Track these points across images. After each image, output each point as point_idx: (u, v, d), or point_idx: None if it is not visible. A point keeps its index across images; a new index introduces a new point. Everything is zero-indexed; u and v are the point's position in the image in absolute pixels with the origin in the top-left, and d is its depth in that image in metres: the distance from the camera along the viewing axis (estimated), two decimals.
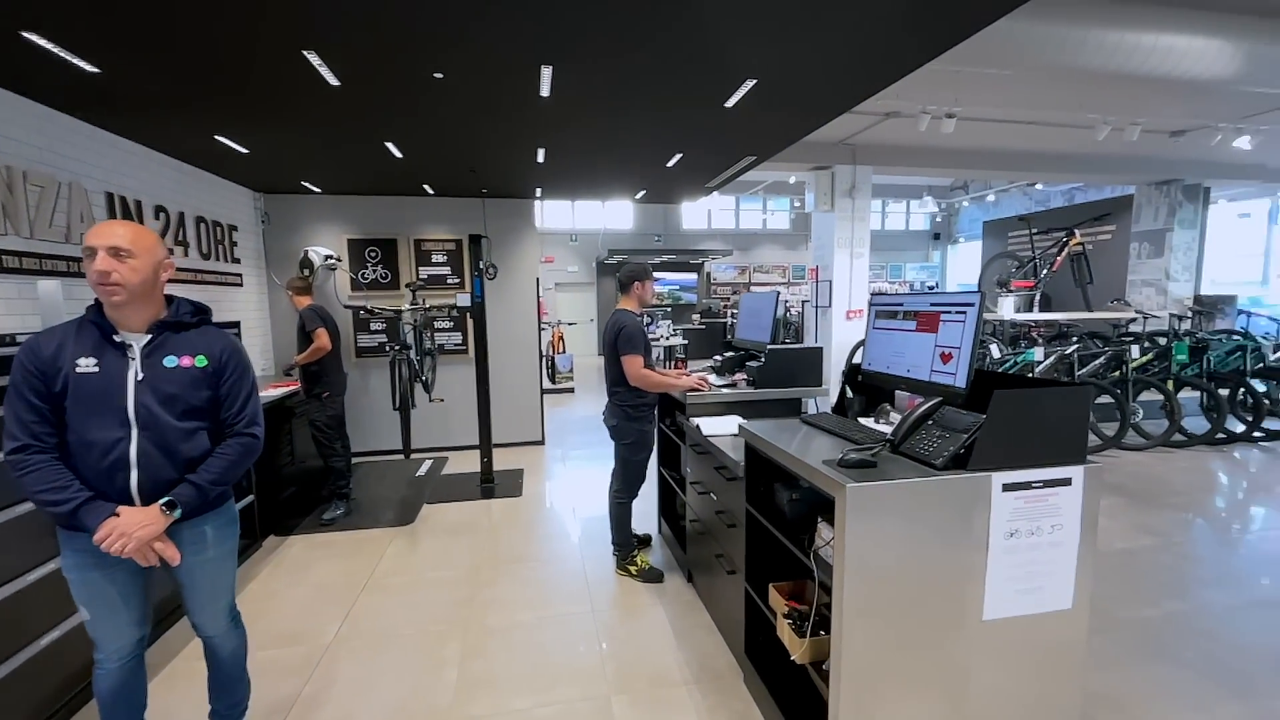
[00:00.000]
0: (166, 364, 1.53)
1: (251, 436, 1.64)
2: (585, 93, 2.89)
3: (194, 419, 1.55)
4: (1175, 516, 3.82)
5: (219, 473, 1.56)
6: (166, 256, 1.59)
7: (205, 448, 1.57)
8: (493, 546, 3.52)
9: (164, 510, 1.48)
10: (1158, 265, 7.72)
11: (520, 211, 5.58)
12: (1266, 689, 2.17)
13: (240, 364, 1.64)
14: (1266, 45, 3.38)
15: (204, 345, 1.59)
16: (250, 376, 1.68)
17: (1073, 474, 1.52)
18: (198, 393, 1.55)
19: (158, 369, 1.52)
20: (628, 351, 2.89)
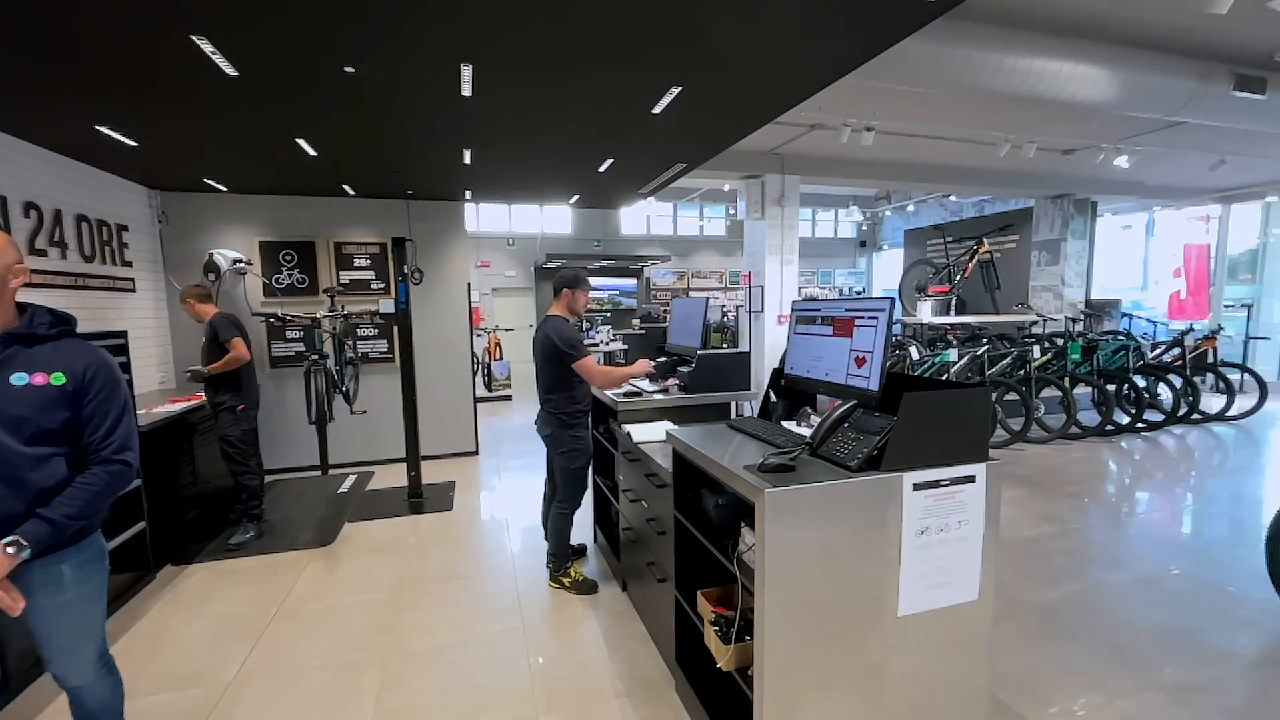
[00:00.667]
0: (14, 382, 1.34)
1: (122, 464, 1.45)
2: (509, 94, 2.82)
3: (47, 444, 1.37)
4: (1073, 503, 4.14)
5: (78, 506, 1.38)
6: (17, 261, 1.40)
7: (62, 476, 1.39)
8: (419, 565, 3.35)
9: (7, 550, 1.29)
10: (1054, 272, 8.42)
11: (449, 214, 5.40)
12: (1150, 661, 2.36)
13: (108, 381, 1.46)
14: (1137, 74, 3.75)
15: (63, 361, 1.41)
16: (121, 395, 1.49)
17: (977, 471, 1.59)
18: (52, 415, 1.37)
19: (4, 388, 1.33)
20: (578, 357, 2.81)
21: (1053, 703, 2.13)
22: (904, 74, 3.37)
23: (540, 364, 2.94)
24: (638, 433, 2.57)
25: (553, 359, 2.85)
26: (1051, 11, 3.44)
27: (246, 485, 3.67)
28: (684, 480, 2.06)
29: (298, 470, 5.11)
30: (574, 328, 2.92)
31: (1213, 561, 3.22)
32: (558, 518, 3.03)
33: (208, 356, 3.49)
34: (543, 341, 2.89)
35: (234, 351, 3.46)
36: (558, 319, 2.94)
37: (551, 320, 2.93)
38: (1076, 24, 3.59)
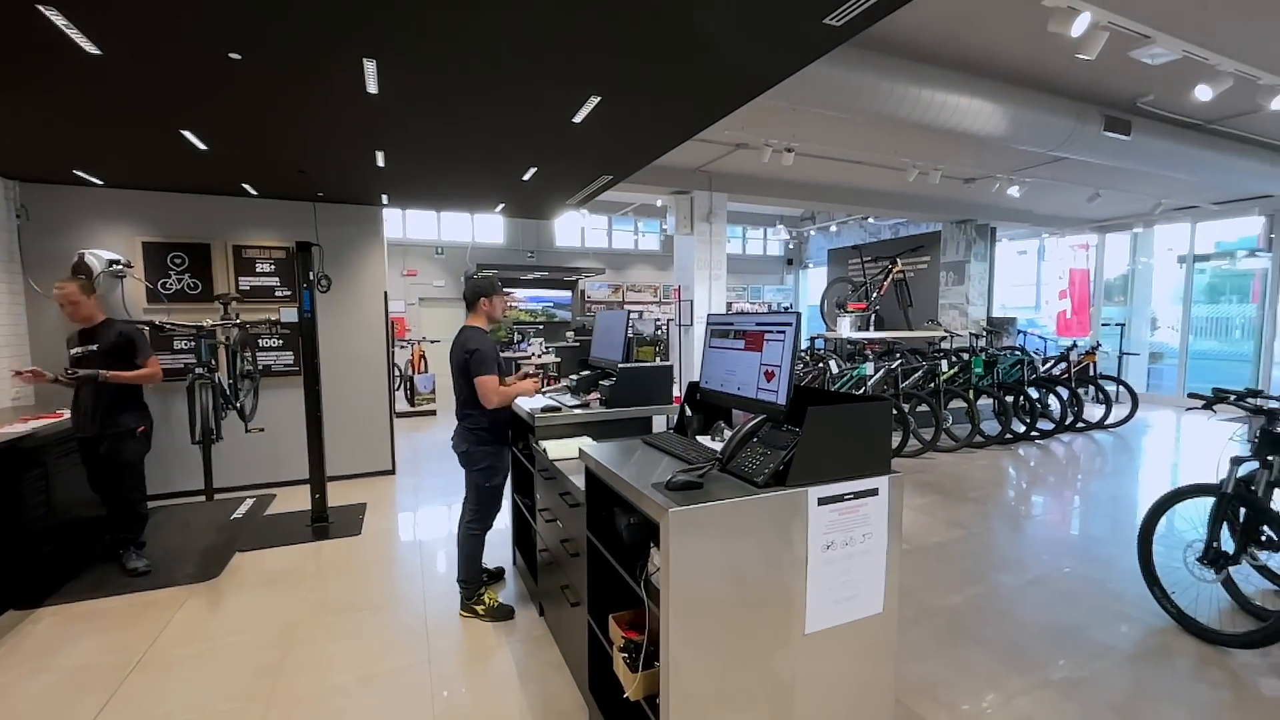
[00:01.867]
0: None
1: None
2: (419, 94, 2.68)
3: None
4: (977, 509, 4.39)
5: None
6: None
7: None
8: (317, 596, 3.08)
9: None
10: (960, 291, 9.05)
11: (364, 219, 5.11)
12: (1042, 659, 2.49)
13: None
14: (1024, 110, 4.10)
15: None
16: None
17: (879, 484, 1.61)
18: None
19: None
20: (481, 372, 2.69)
21: (956, 706, 2.19)
22: (820, 98, 3.50)
23: (456, 377, 2.82)
24: (554, 449, 2.47)
25: (464, 373, 2.75)
26: (953, 48, 3.69)
27: (142, 515, 3.38)
28: (597, 499, 1.98)
29: (183, 495, 4.61)
30: (490, 340, 2.80)
31: (1096, 560, 3.48)
32: (469, 539, 2.87)
33: (101, 365, 3.10)
34: (457, 355, 2.78)
35: (149, 369, 3.19)
36: (474, 330, 2.82)
37: (466, 332, 2.81)
38: (974, 61, 3.87)
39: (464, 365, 2.74)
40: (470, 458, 2.85)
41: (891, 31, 3.42)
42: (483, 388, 2.70)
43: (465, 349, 2.73)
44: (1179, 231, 9.22)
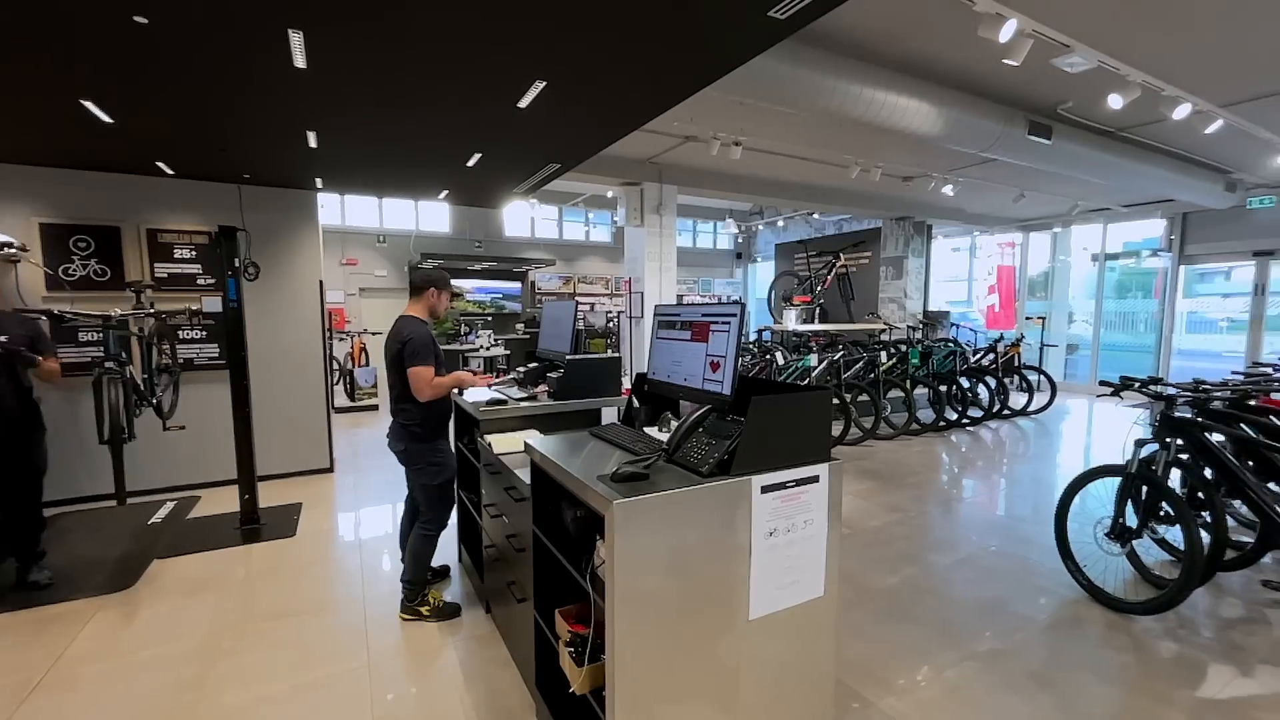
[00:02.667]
0: None
1: None
2: (353, 72, 2.54)
3: None
4: (912, 493, 4.60)
5: None
6: None
7: None
8: (246, 603, 2.90)
9: None
10: (899, 285, 9.44)
11: (296, 204, 4.83)
12: (969, 633, 2.63)
13: None
14: (957, 112, 4.29)
15: None
16: None
17: (820, 471, 1.65)
18: None
19: None
20: (415, 363, 2.59)
21: (892, 682, 2.29)
22: (766, 92, 3.55)
23: (390, 370, 2.70)
24: (499, 444, 2.41)
25: (399, 364, 2.64)
26: (893, 49, 3.81)
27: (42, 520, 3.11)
28: (543, 493, 1.94)
29: (91, 500, 4.26)
30: (427, 330, 2.70)
31: (1018, 538, 3.71)
32: (421, 540, 2.77)
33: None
34: (392, 345, 2.66)
35: (47, 366, 2.92)
36: (411, 320, 2.71)
37: (404, 321, 2.69)
38: (912, 62, 4.01)
39: (398, 356, 2.63)
40: (409, 456, 2.75)
41: (834, 29, 3.50)
42: (416, 379, 2.59)
43: (400, 338, 2.63)
44: (1093, 232, 9.92)
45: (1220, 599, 2.92)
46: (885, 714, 2.11)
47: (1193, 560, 2.50)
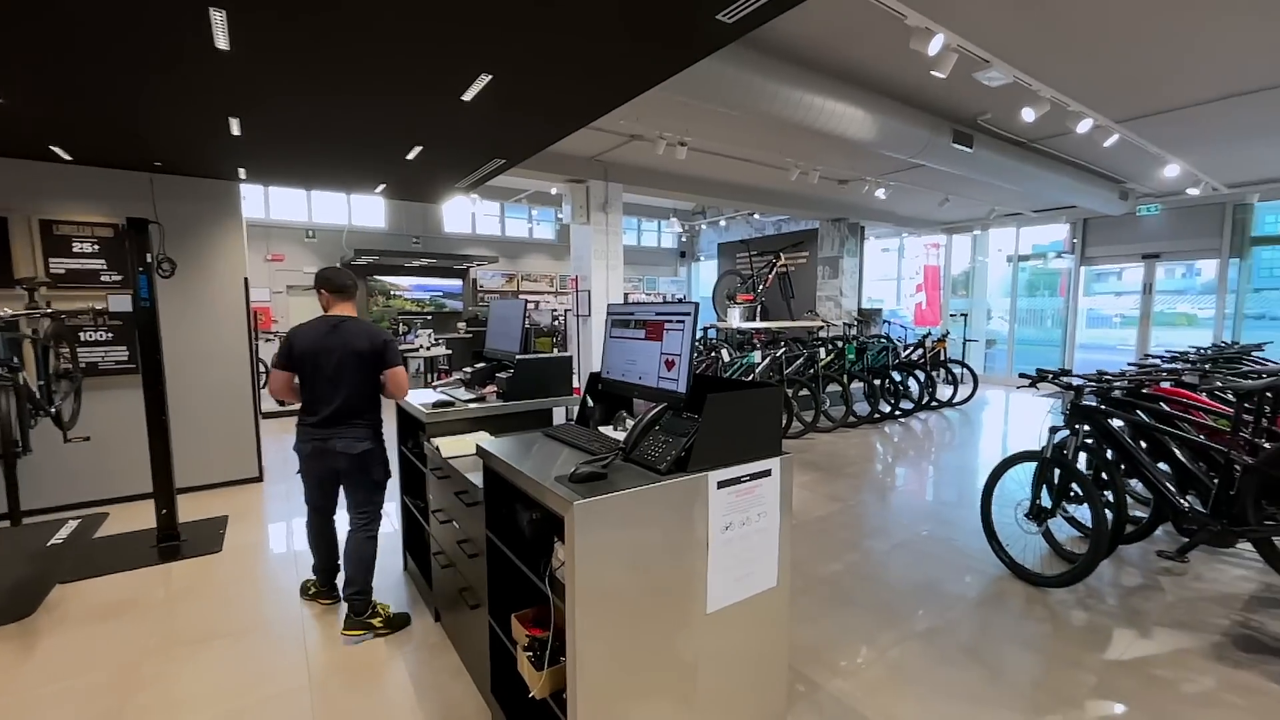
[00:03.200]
0: None
1: None
2: (283, 55, 2.39)
3: None
4: (851, 483, 4.81)
5: None
6: None
7: None
8: (167, 626, 2.69)
9: None
10: (835, 284, 9.84)
11: (216, 194, 4.49)
12: (908, 615, 2.79)
13: None
14: (889, 120, 4.52)
15: None
16: None
17: (772, 465, 1.70)
18: None
19: None
20: (398, 362, 2.68)
21: (839, 664, 2.39)
22: (711, 93, 3.61)
23: (348, 371, 2.60)
24: (448, 447, 2.34)
25: (368, 365, 2.63)
26: (831, 56, 3.97)
27: None
28: (497, 496, 1.91)
29: None
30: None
31: (947, 522, 3.96)
32: (367, 542, 2.68)
33: None
34: (356, 346, 2.60)
35: None
36: (365, 322, 2.69)
37: (359, 323, 2.67)
38: (849, 70, 4.19)
39: (374, 356, 2.63)
40: (369, 457, 2.67)
41: (776, 35, 3.60)
42: (402, 378, 2.70)
43: (374, 339, 2.63)
44: (1008, 234, 10.69)
45: (1121, 569, 3.22)
46: (833, 695, 2.20)
47: (1099, 536, 2.75)
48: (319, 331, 2.60)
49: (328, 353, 2.58)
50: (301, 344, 2.58)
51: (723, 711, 1.67)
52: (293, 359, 2.59)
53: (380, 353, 2.63)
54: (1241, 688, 2.22)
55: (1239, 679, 2.27)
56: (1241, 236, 8.17)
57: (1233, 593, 2.93)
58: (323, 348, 2.58)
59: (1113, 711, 2.11)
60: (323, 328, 2.61)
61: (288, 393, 2.64)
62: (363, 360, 2.61)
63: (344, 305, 2.71)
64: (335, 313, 2.68)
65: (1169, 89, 4.47)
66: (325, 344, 2.58)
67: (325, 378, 2.58)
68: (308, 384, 2.61)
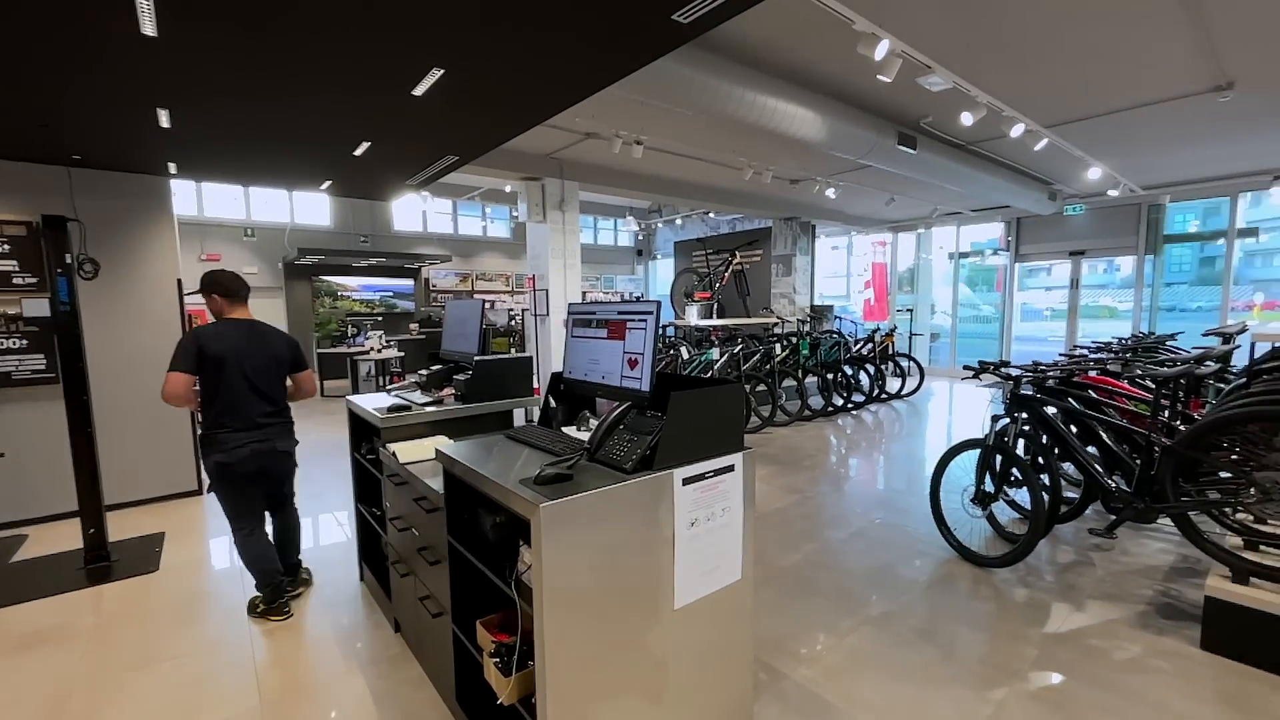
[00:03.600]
0: None
1: None
2: (216, 42, 2.26)
3: None
4: (808, 475, 4.94)
5: None
6: None
7: None
8: (99, 654, 2.51)
9: None
10: (789, 282, 10.08)
11: (144, 191, 4.21)
12: (864, 600, 2.89)
13: None
14: (837, 121, 4.66)
15: None
16: None
17: (735, 460, 1.73)
18: None
19: None
20: (308, 365, 2.87)
21: (801, 653, 2.45)
22: (666, 93, 3.63)
23: (274, 374, 2.73)
24: (405, 452, 2.28)
25: (285, 367, 2.78)
26: (783, 58, 4.06)
27: None
28: (458, 501, 1.87)
29: None
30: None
31: (899, 509, 4.12)
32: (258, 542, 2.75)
33: None
34: (276, 349, 2.74)
35: None
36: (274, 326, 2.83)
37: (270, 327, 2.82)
38: (800, 72, 4.29)
39: (292, 359, 2.80)
40: (291, 456, 2.84)
41: (730, 37, 3.66)
42: (313, 381, 2.88)
43: (289, 342, 2.81)
44: (949, 233, 11.20)
45: (1057, 548, 3.43)
46: (796, 683, 2.26)
47: (1037, 517, 2.92)
48: (235, 334, 2.64)
49: (250, 356, 2.64)
50: (216, 347, 2.57)
51: (691, 706, 1.69)
52: (204, 362, 2.55)
53: (296, 356, 2.82)
54: (1166, 653, 2.40)
55: (1163, 644, 2.46)
56: (1155, 235, 8.82)
57: (1155, 565, 3.16)
58: (245, 351, 2.63)
59: (1052, 681, 2.25)
60: (236, 331, 2.66)
61: (188, 398, 2.58)
62: (281, 363, 2.76)
63: (241, 309, 2.76)
64: (236, 316, 2.72)
65: (1091, 97, 4.78)
66: (246, 347, 2.64)
67: (248, 380, 2.63)
68: (224, 388, 2.59)
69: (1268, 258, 10.57)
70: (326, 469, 5.14)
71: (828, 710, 2.11)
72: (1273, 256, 10.60)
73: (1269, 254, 10.44)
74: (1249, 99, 4.72)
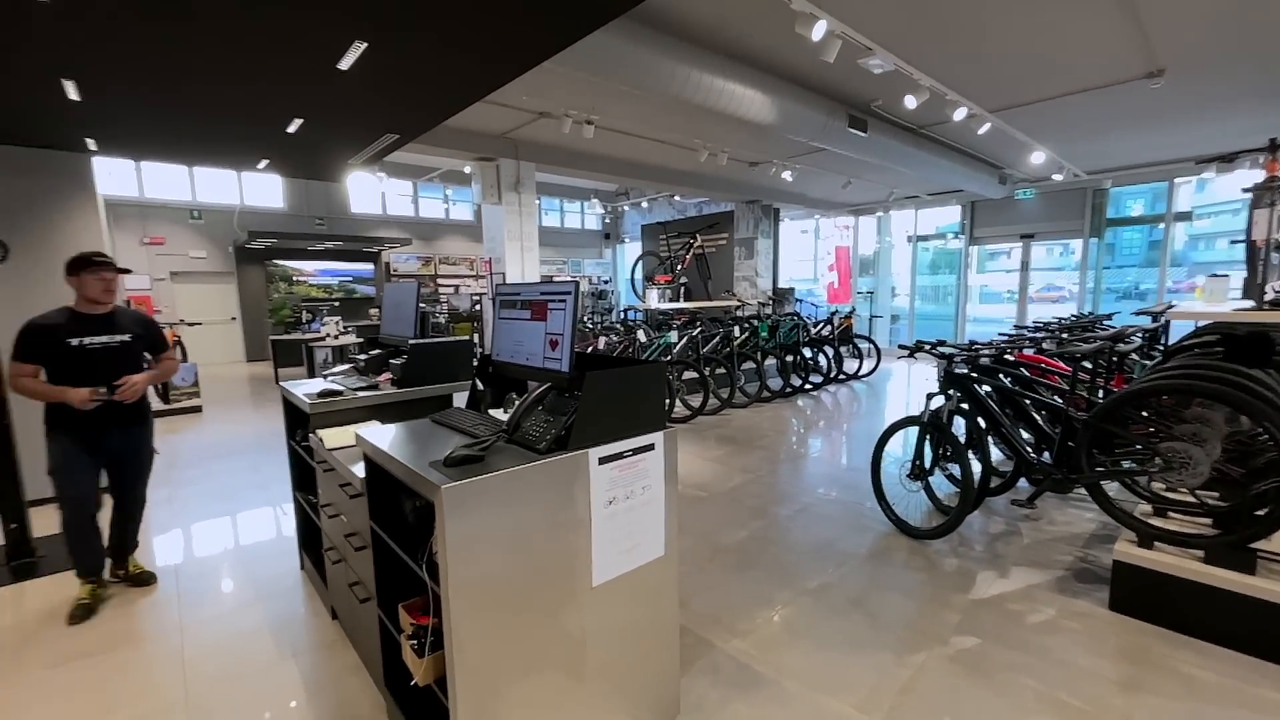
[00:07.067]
0: None
1: None
2: (117, 7, 2.13)
3: None
4: (763, 454, 5.03)
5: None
6: None
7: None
8: (17, 652, 2.42)
9: None
10: (751, 265, 10.15)
11: (59, 168, 3.97)
12: (804, 574, 2.96)
13: None
14: (788, 103, 4.67)
15: None
16: None
17: (655, 440, 1.75)
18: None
19: None
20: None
21: (736, 626, 2.51)
22: (611, 70, 3.57)
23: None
24: (332, 438, 2.23)
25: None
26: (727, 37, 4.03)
27: None
28: (380, 486, 1.84)
29: None
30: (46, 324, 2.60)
31: (849, 485, 4.23)
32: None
33: None
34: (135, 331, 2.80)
35: None
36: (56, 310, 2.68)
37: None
38: (746, 53, 4.27)
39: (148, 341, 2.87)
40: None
41: (674, 14, 3.61)
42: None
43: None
44: (907, 216, 11.40)
45: (990, 519, 3.58)
46: (729, 655, 2.31)
47: (966, 491, 3.03)
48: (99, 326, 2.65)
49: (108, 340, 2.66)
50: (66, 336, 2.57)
51: (614, 681, 1.72)
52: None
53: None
54: (1078, 614, 2.54)
55: (1075, 606, 2.59)
56: (1099, 218, 9.15)
57: (1078, 533, 3.33)
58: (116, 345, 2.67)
59: (971, 644, 2.36)
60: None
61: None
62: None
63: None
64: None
65: (1029, 83, 4.90)
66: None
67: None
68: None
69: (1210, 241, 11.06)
70: (275, 458, 5.01)
71: (757, 680, 2.17)
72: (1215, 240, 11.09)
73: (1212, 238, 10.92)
74: (1180, 86, 4.89)
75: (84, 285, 2.63)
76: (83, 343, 2.59)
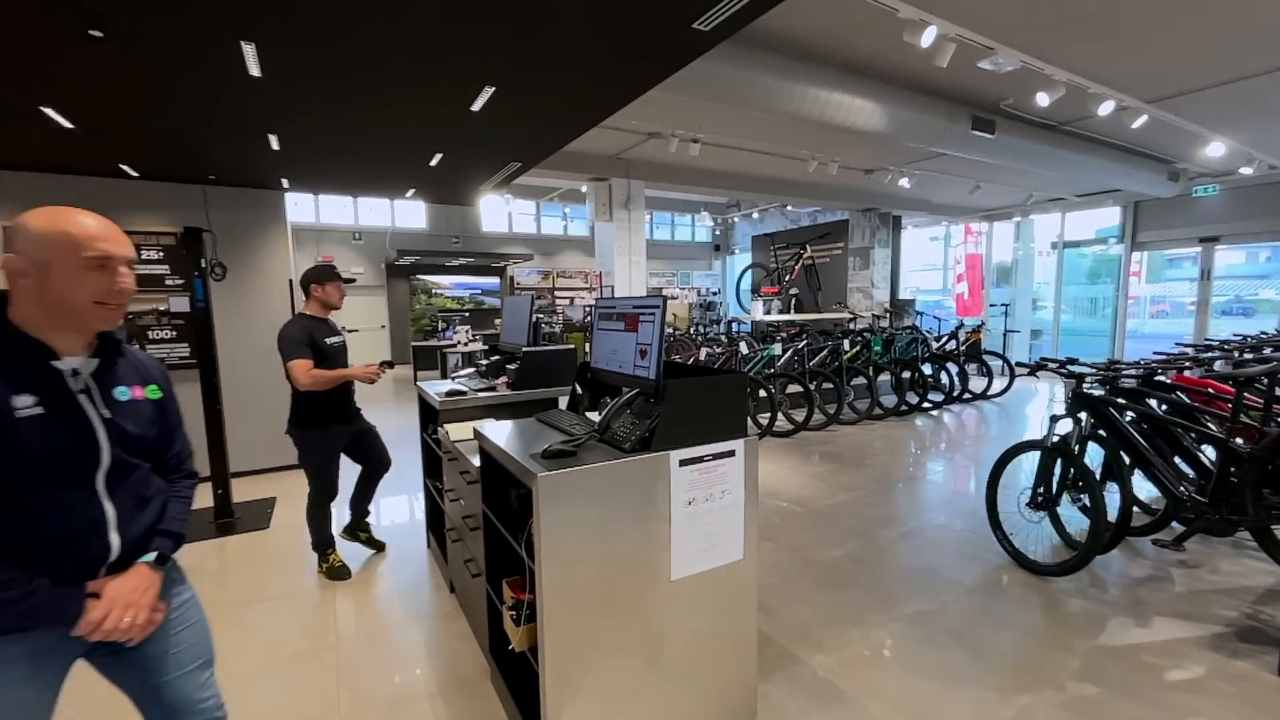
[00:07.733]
0: (119, 397, 1.22)
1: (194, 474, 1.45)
2: (305, 77, 2.65)
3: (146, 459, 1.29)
4: (869, 474, 4.82)
5: (187, 517, 1.38)
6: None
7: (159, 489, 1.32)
8: (218, 591, 3.03)
9: (154, 567, 1.24)
10: (866, 275, 9.69)
11: (262, 203, 4.89)
12: (902, 598, 2.85)
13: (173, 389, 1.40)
14: (901, 110, 4.49)
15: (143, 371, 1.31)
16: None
17: (736, 447, 1.83)
18: (151, 429, 1.29)
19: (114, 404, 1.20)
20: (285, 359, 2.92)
21: (824, 642, 2.49)
22: (714, 92, 3.70)
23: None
24: (455, 432, 2.56)
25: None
26: (836, 50, 3.99)
27: None
28: (492, 475, 2.10)
29: None
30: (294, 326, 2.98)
31: (962, 512, 3.94)
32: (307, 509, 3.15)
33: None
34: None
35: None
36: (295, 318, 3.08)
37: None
38: (855, 62, 4.19)
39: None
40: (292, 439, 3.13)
41: (775, 31, 3.66)
42: (292, 372, 2.91)
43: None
44: (1053, 220, 10.25)
45: (1134, 560, 3.17)
46: (812, 669, 2.31)
47: (1096, 526, 2.73)
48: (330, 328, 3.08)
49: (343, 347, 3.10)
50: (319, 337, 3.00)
51: (689, 675, 1.81)
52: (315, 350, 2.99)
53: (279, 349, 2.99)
54: (1235, 676, 2.20)
55: (1235, 668, 2.25)
56: None
57: (1249, 586, 2.85)
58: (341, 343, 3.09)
59: (1091, 692, 2.14)
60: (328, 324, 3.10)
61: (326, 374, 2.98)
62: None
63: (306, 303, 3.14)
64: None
65: (1196, 67, 4.27)
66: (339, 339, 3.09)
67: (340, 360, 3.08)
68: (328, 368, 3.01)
69: None
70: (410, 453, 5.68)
71: (839, 697, 2.15)
72: None
73: None
74: None
75: (330, 293, 3.07)
76: (327, 341, 3.08)
